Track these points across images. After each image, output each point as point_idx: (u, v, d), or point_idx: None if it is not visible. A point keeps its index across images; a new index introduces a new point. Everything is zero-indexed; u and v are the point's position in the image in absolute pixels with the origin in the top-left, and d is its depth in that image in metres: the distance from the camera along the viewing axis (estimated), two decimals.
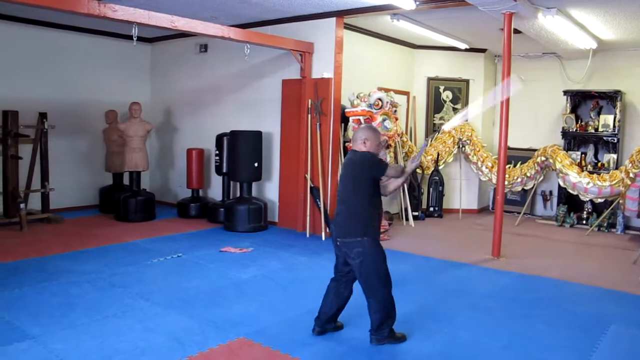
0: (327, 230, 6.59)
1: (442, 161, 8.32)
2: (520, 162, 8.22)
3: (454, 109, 8.80)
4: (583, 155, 7.95)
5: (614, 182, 7.09)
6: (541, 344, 3.57)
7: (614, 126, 7.63)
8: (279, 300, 4.34)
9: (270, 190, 7.43)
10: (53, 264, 5.11)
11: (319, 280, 4.70)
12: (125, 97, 8.22)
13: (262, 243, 6.25)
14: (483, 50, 8.66)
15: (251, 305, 4.17)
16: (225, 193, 7.58)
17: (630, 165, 6.73)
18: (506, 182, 7.45)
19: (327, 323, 3.62)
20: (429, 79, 8.69)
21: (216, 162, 7.46)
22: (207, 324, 3.74)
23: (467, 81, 8.76)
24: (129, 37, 5.26)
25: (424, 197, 8.29)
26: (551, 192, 8.55)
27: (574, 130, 7.97)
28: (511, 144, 7.31)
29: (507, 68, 5.70)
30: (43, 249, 5.66)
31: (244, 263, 5.38)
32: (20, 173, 6.91)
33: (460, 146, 8.40)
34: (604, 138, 7.78)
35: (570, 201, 7.96)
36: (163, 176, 9.01)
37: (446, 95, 8.81)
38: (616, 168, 7.49)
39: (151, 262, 5.30)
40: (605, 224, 7.52)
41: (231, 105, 7.85)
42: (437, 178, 8.25)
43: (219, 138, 7.39)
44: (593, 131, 7.84)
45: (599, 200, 7.42)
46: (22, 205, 6.67)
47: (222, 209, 7.16)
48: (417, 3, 5.70)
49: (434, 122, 8.81)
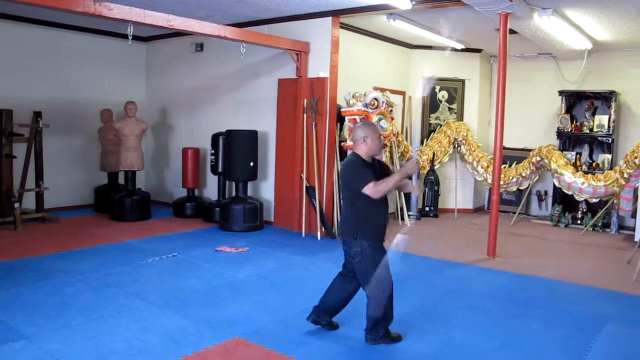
0: (323, 229, 6.59)
1: (438, 161, 8.34)
2: (515, 162, 8.24)
3: (450, 109, 8.82)
4: (578, 155, 7.98)
5: (609, 182, 7.12)
6: (536, 344, 3.58)
7: (609, 126, 7.67)
8: (275, 299, 4.34)
9: (266, 189, 7.42)
10: (48, 264, 5.09)
11: (315, 279, 4.72)
12: (120, 96, 8.18)
13: (258, 243, 6.25)
14: (479, 50, 8.69)
15: (247, 304, 4.16)
16: (220, 192, 7.57)
17: (624, 165, 6.76)
18: (501, 182, 7.46)
19: (323, 314, 3.62)
20: (427, 79, 8.67)
21: (212, 162, 7.44)
22: (203, 324, 3.74)
23: (463, 81, 8.79)
24: (125, 36, 5.23)
25: (419, 197, 8.30)
26: (546, 192, 8.58)
27: (569, 130, 8.00)
28: (506, 144, 7.32)
29: (503, 68, 5.71)
30: (38, 249, 5.63)
31: (240, 263, 5.37)
32: (14, 172, 6.88)
33: (455, 146, 8.42)
34: (599, 138, 7.82)
35: (565, 201, 7.99)
36: (158, 175, 8.98)
37: (442, 95, 8.83)
38: (611, 168, 7.54)
39: (146, 262, 5.29)
40: (599, 224, 7.56)
41: (227, 104, 7.84)
42: (433, 178, 8.26)
43: (215, 137, 7.37)
44: (588, 131, 7.87)
45: (594, 200, 7.47)
46: (17, 204, 6.63)
47: (218, 209, 7.15)
48: (413, 3, 5.70)
49: (430, 122, 8.83)
